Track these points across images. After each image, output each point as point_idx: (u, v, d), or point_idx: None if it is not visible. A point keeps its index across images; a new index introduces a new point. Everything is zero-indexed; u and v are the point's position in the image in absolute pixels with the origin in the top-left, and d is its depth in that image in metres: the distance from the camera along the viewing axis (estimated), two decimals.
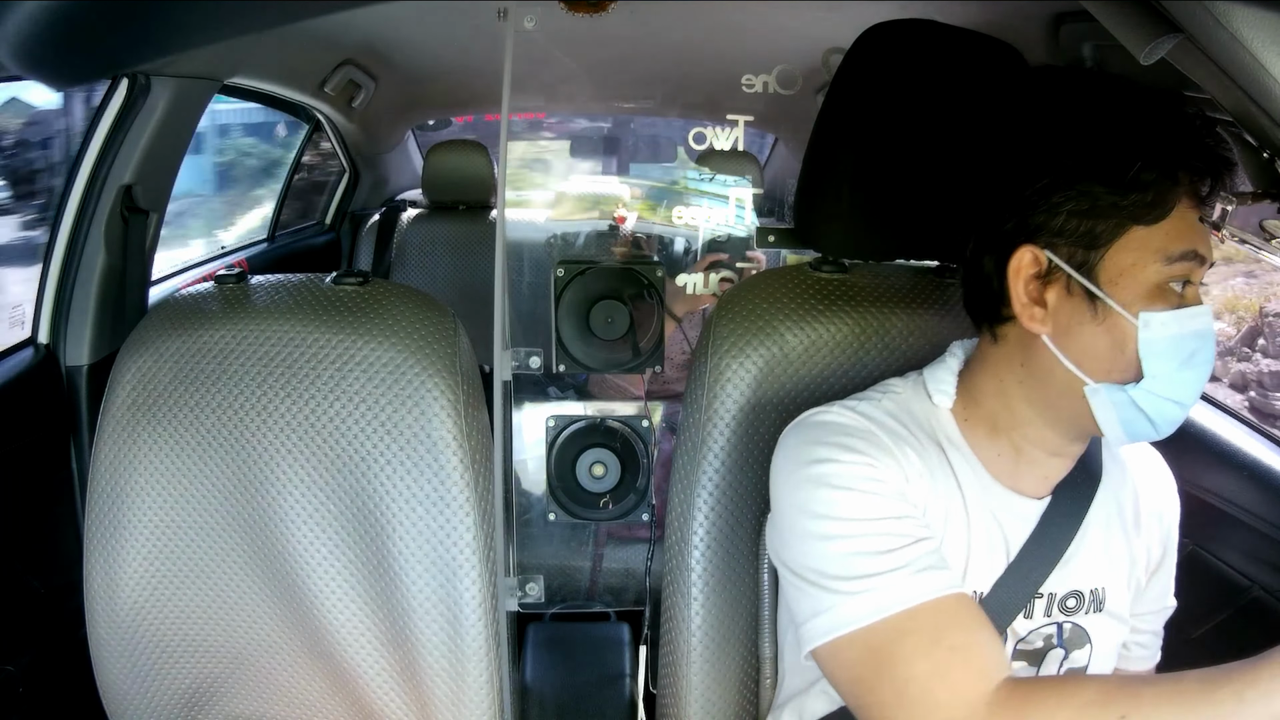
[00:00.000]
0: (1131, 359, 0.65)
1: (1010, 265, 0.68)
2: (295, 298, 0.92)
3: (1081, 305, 0.67)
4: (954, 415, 0.74)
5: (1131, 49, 0.61)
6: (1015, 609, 0.72)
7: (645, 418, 1.21)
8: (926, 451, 0.72)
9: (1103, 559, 0.75)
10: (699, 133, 1.13)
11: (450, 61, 1.91)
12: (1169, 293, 0.65)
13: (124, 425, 0.91)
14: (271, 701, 0.96)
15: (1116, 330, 0.66)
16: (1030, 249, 0.68)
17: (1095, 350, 0.67)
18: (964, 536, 0.72)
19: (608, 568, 1.50)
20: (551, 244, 1.83)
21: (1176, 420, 0.67)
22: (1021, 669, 0.74)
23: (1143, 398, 0.66)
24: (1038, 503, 0.73)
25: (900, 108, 0.84)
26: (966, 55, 0.85)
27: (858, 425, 0.71)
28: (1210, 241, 0.68)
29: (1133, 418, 0.66)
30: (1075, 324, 0.67)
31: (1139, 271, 0.65)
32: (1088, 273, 0.66)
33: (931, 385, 0.75)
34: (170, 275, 1.80)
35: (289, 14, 0.70)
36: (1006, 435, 0.73)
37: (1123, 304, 0.65)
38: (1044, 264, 0.68)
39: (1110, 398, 0.66)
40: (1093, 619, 0.75)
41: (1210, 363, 0.67)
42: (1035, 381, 0.70)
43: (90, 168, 1.20)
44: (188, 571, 0.93)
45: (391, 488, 0.87)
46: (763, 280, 0.90)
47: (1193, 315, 0.65)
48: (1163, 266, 0.65)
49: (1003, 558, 0.72)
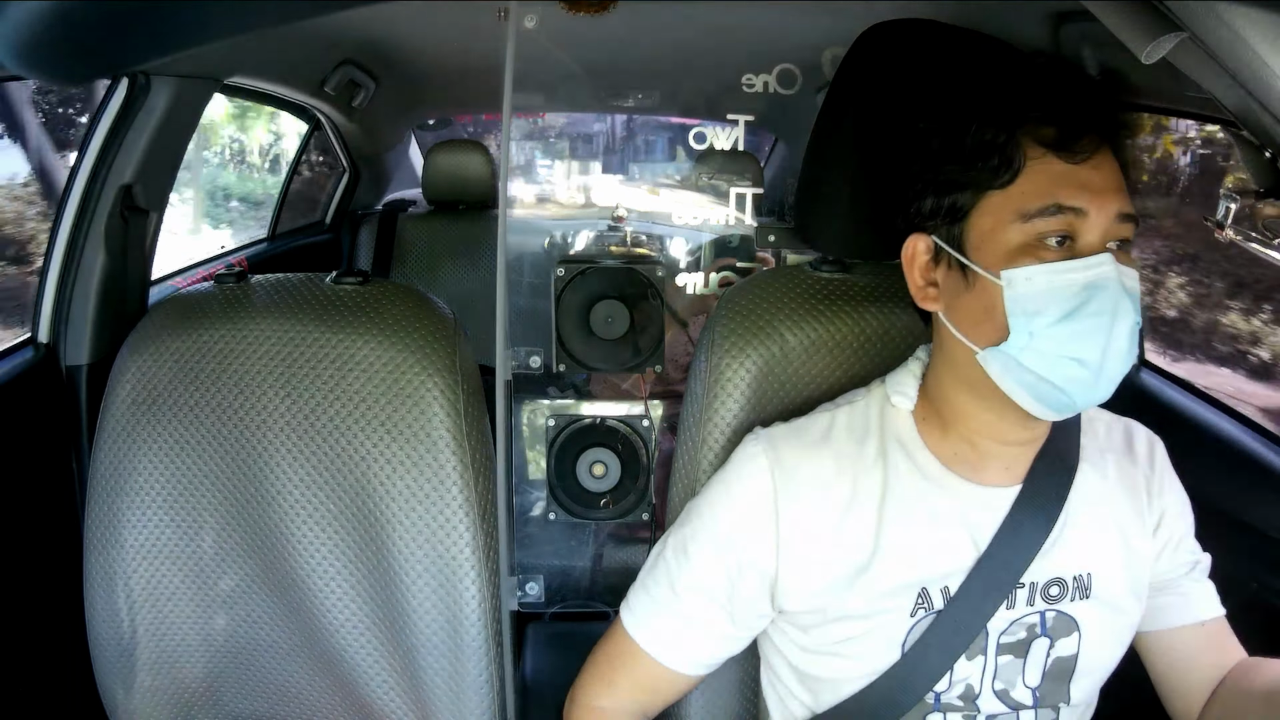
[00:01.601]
0: (1001, 319, 0.66)
1: (904, 256, 0.74)
2: (295, 297, 0.92)
3: (958, 277, 0.70)
4: (914, 417, 0.75)
5: (1132, 48, 0.61)
6: (997, 599, 0.72)
7: (645, 418, 1.21)
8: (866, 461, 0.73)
9: (1088, 544, 0.74)
10: (699, 132, 1.13)
11: (450, 61, 1.91)
12: (1042, 250, 0.65)
13: (124, 425, 0.91)
14: (271, 701, 0.96)
15: (986, 294, 0.67)
16: (916, 237, 0.72)
17: (973, 315, 0.69)
18: (917, 536, 0.72)
19: (608, 568, 1.49)
20: (552, 244, 1.83)
21: (1083, 380, 0.65)
22: (1008, 662, 0.73)
23: (1026, 356, 0.65)
24: (1006, 491, 0.73)
25: (900, 108, 0.84)
26: (966, 55, 0.85)
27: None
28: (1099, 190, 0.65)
29: (1031, 382, 0.66)
30: (956, 295, 0.70)
31: (999, 234, 0.66)
32: (957, 245, 0.69)
33: (891, 389, 0.76)
34: (170, 275, 1.80)
35: (289, 14, 0.70)
36: (955, 429, 0.73)
37: (986, 267, 0.67)
38: (931, 248, 0.71)
39: (999, 361, 0.67)
40: (1080, 606, 0.74)
41: (1112, 316, 0.64)
42: (950, 363, 0.72)
43: (90, 167, 1.20)
44: (187, 570, 0.93)
45: (391, 487, 0.87)
46: (763, 280, 0.90)
47: (1065, 269, 0.64)
48: (1022, 224, 0.65)
49: (970, 550, 0.72)
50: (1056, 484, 0.74)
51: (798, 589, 0.73)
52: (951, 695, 0.73)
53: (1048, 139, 0.66)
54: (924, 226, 0.72)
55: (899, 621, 0.72)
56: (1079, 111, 0.66)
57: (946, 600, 0.72)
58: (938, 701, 0.73)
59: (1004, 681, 0.74)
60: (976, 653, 0.73)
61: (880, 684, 0.73)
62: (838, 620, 0.73)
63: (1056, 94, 0.67)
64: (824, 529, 0.73)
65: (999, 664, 0.73)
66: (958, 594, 0.71)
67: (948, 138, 0.69)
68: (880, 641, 0.72)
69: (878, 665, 0.72)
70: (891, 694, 0.72)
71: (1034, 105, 0.66)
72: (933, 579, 0.72)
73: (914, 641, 0.72)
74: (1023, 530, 0.72)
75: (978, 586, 0.71)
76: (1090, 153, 0.65)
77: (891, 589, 0.72)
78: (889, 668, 0.72)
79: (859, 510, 0.73)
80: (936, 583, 0.72)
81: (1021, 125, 0.66)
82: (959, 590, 0.71)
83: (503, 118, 0.92)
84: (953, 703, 0.73)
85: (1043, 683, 0.74)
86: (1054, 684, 0.75)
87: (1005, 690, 0.74)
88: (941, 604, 0.72)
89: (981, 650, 0.73)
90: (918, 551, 0.72)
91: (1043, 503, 0.73)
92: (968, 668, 0.73)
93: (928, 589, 0.72)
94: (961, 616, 0.71)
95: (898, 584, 0.72)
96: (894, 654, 0.72)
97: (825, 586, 0.73)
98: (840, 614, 0.73)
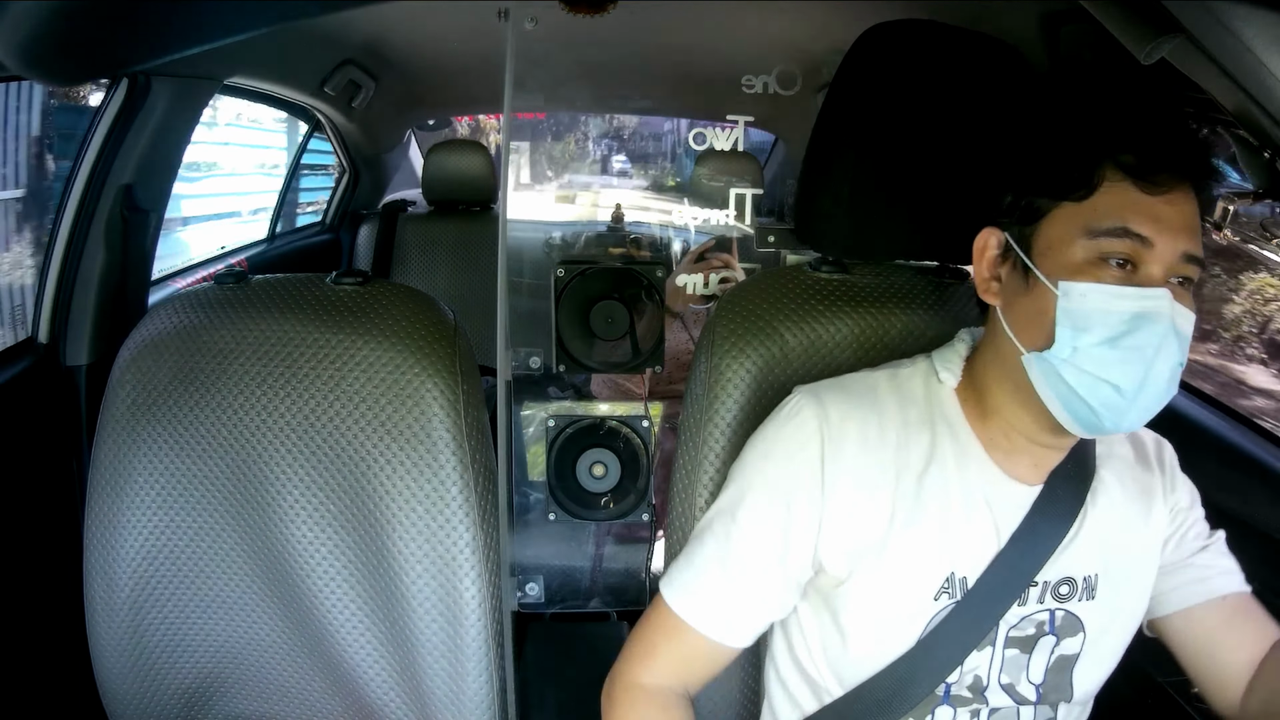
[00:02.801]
0: (1050, 327, 0.67)
1: (975, 246, 0.74)
2: (295, 298, 0.92)
3: (1020, 278, 0.70)
4: (958, 396, 0.76)
5: (1132, 49, 0.61)
6: (1011, 594, 0.73)
7: (645, 418, 1.21)
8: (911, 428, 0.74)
9: (1100, 547, 0.75)
10: (699, 133, 1.13)
11: (450, 61, 1.91)
12: (1102, 269, 0.66)
13: (124, 425, 0.91)
14: (271, 701, 0.96)
15: (1042, 299, 0.68)
16: (990, 230, 0.73)
17: (1027, 317, 0.69)
18: (950, 514, 0.72)
19: (608, 568, 1.49)
20: (551, 244, 1.83)
21: (1116, 406, 0.66)
22: (1014, 656, 0.74)
23: (1066, 369, 0.66)
24: (1030, 489, 0.74)
25: (900, 108, 0.84)
26: (966, 55, 0.85)
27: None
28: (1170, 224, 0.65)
29: (1066, 395, 0.67)
30: (1015, 295, 0.71)
31: (1066, 245, 0.67)
32: (1025, 246, 0.70)
33: (939, 364, 0.77)
34: (170, 275, 1.80)
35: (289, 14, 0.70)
36: (993, 418, 0.74)
37: (1047, 274, 0.67)
38: (1003, 243, 0.72)
39: (1040, 367, 0.68)
40: (1086, 606, 0.75)
41: (1156, 351, 0.64)
42: (998, 358, 0.73)
43: (90, 167, 1.20)
44: (187, 571, 0.93)
45: (391, 487, 0.87)
46: (763, 280, 0.90)
47: (1119, 294, 0.65)
48: (1087, 240, 0.66)
49: (993, 543, 0.73)
50: (1076, 487, 0.75)
51: (837, 543, 0.73)
52: (961, 687, 0.74)
53: (1128, 165, 0.66)
54: (999, 222, 0.73)
55: (923, 603, 0.72)
56: (1163, 146, 0.66)
57: (964, 591, 0.72)
58: (947, 693, 0.74)
59: (1010, 675, 0.75)
60: (986, 645, 0.73)
61: (892, 672, 0.73)
62: (865, 591, 0.73)
63: (1145, 126, 0.67)
64: (865, 485, 0.72)
65: (1006, 657, 0.74)
66: (976, 585, 0.72)
67: (1041, 143, 0.70)
68: (904, 621, 0.73)
69: (893, 651, 0.73)
70: (903, 684, 0.73)
71: (1123, 130, 0.67)
72: (958, 565, 0.72)
73: (930, 630, 0.72)
74: (1042, 529, 0.73)
75: (996, 580, 0.72)
76: (1169, 188, 0.66)
77: (919, 564, 0.72)
78: (902, 655, 0.73)
79: (902, 474, 0.73)
80: (960, 569, 0.72)
81: (1106, 148, 0.67)
82: (978, 581, 0.72)
83: (503, 118, 0.92)
84: (962, 694, 0.74)
85: (1046, 678, 0.75)
86: (1057, 680, 0.75)
87: (1011, 684, 0.75)
88: (960, 594, 0.72)
89: (991, 643, 0.73)
90: (948, 530, 0.72)
91: (1062, 504, 0.74)
92: (977, 659, 0.74)
93: (954, 574, 0.72)
94: (977, 609, 0.72)
95: (926, 561, 0.72)
96: (910, 640, 0.72)
97: (860, 546, 0.72)
98: (868, 584, 0.73)
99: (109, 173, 1.21)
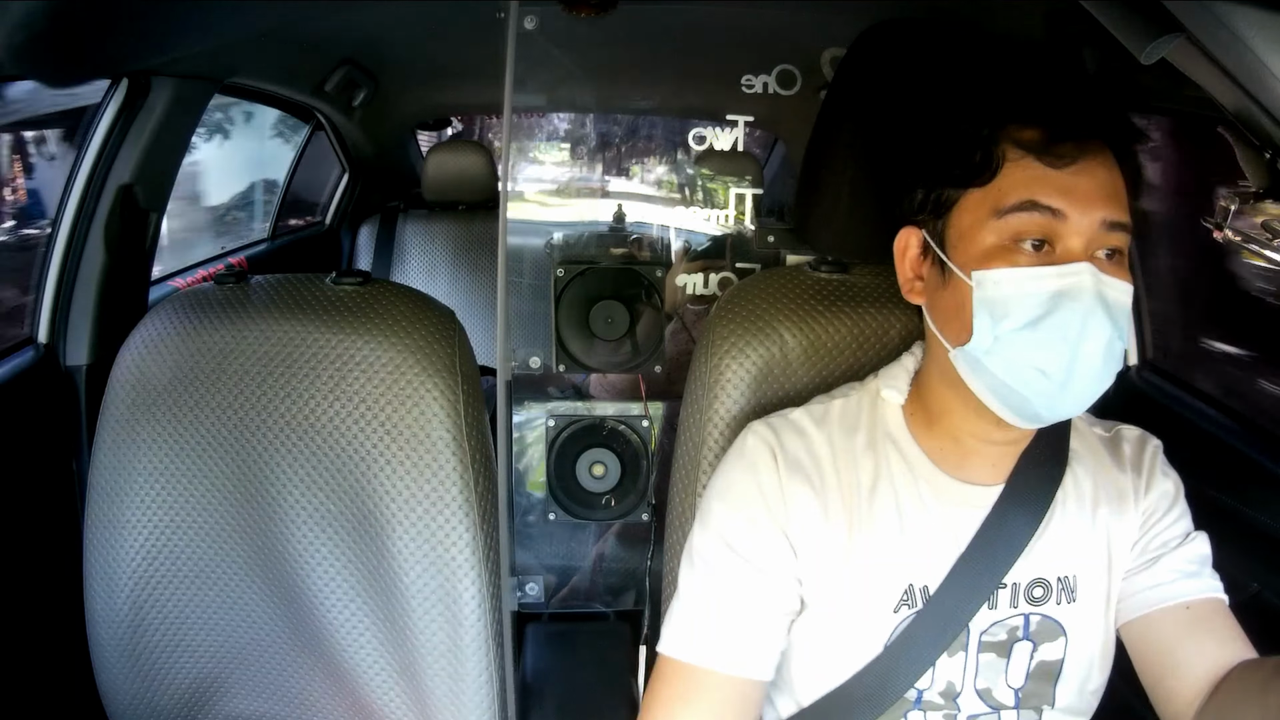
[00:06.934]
0: (969, 319, 0.65)
1: (896, 248, 0.74)
2: (295, 298, 0.92)
3: (939, 273, 0.69)
4: (904, 411, 0.75)
5: (1131, 49, 0.61)
6: (978, 599, 0.71)
7: (645, 418, 1.21)
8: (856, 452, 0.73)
9: (1073, 547, 0.73)
10: (699, 133, 1.13)
11: (450, 61, 1.91)
12: (1016, 253, 0.63)
13: (123, 425, 0.91)
14: (271, 701, 0.96)
15: (959, 292, 0.66)
16: (908, 229, 0.72)
17: (949, 313, 0.68)
18: (902, 530, 0.72)
19: (608, 568, 1.49)
20: (551, 244, 1.83)
21: (1047, 391, 0.63)
22: (990, 661, 0.73)
23: (990, 360, 0.64)
24: (989, 490, 0.72)
25: (900, 108, 0.84)
26: (966, 55, 0.85)
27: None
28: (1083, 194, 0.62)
29: (995, 385, 0.65)
30: (936, 291, 0.70)
31: (976, 232, 0.65)
32: (939, 240, 0.68)
33: (883, 383, 0.76)
34: (170, 275, 1.80)
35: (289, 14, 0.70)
36: (940, 425, 0.73)
37: (960, 265, 0.66)
38: (921, 242, 0.71)
39: (965, 361, 0.66)
40: (1067, 610, 0.73)
41: (1081, 329, 0.61)
42: (934, 360, 0.72)
43: (90, 167, 1.20)
44: (187, 571, 0.93)
45: (390, 487, 0.87)
46: (763, 280, 0.90)
47: (1034, 275, 0.62)
48: (996, 222, 0.64)
49: (953, 548, 0.71)
50: (1042, 485, 0.73)
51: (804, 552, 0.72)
52: (933, 692, 0.73)
53: (1027, 141, 0.64)
54: (914, 220, 0.72)
55: (883, 617, 0.72)
56: (1063, 116, 0.64)
57: (925, 599, 0.71)
58: (919, 699, 0.73)
59: (986, 680, 0.73)
60: (958, 650, 0.72)
61: (862, 678, 0.72)
62: (827, 607, 0.72)
63: (1040, 97, 0.66)
64: (818, 509, 0.72)
65: (980, 662, 0.73)
66: (938, 592, 0.71)
67: (938, 132, 0.69)
68: (865, 636, 0.72)
69: (860, 659, 0.72)
70: (873, 690, 0.72)
71: (1016, 106, 0.65)
72: (917, 575, 0.72)
73: (895, 638, 0.71)
74: (1005, 530, 0.71)
75: (958, 585, 0.71)
76: (1074, 158, 0.63)
77: (876, 581, 0.72)
78: (870, 662, 0.72)
79: (849, 498, 0.72)
80: (920, 580, 0.72)
81: (1003, 126, 0.65)
82: (939, 588, 0.71)
83: (502, 118, 0.92)
84: (934, 700, 0.73)
85: (1026, 684, 0.74)
86: (1038, 686, 0.74)
87: (988, 689, 0.74)
88: (921, 604, 0.71)
89: (963, 648, 0.73)
90: (902, 545, 0.72)
91: (1027, 503, 0.72)
92: (949, 665, 0.73)
93: (913, 585, 0.72)
94: (943, 614, 0.71)
95: (883, 576, 0.72)
96: (875, 648, 0.72)
97: (818, 566, 0.72)
98: (830, 601, 0.72)
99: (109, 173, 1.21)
